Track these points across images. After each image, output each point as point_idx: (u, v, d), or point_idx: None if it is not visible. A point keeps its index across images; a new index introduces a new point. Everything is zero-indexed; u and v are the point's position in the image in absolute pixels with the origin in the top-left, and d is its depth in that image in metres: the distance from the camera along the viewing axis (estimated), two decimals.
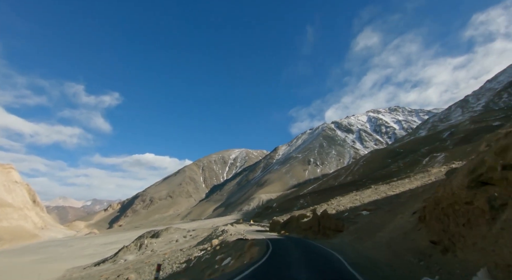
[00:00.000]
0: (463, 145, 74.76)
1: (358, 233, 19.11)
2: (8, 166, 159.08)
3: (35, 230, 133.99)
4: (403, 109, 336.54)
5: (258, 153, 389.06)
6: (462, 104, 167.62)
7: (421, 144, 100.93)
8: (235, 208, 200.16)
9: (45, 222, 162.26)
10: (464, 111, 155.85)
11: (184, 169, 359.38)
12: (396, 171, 64.36)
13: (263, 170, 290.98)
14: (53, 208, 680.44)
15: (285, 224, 35.22)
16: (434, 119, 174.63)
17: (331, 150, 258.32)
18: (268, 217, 70.47)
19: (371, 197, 29.94)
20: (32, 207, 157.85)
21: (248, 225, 49.81)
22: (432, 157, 57.15)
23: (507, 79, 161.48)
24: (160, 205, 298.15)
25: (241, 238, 23.49)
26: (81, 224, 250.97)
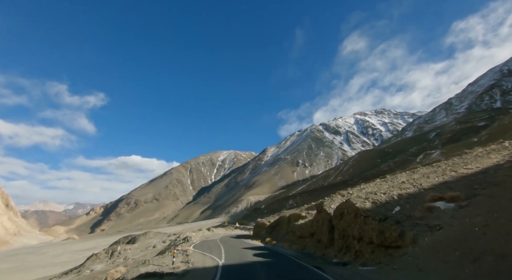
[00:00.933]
0: (451, 144, 74.39)
1: (453, 256, 7.45)
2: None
3: (6, 237, 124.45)
4: (389, 112, 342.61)
5: (246, 155, 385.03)
6: (446, 106, 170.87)
7: (409, 145, 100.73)
8: (223, 210, 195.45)
9: (19, 228, 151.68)
10: (448, 113, 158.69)
11: (171, 171, 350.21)
12: (387, 170, 62.68)
13: (251, 172, 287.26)
14: (32, 213, 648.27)
15: (272, 228, 28.38)
16: (420, 121, 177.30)
17: (319, 152, 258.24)
18: (255, 219, 66.85)
19: (430, 178, 15.28)
20: (4, 212, 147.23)
21: (232, 229, 45.57)
22: (426, 155, 55.69)
23: (487, 82, 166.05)
24: (146, 208, 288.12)
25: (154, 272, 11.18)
26: (61, 229, 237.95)
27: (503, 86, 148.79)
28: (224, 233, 37.55)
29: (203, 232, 37.23)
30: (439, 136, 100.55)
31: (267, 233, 28.16)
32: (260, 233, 29.97)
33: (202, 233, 35.94)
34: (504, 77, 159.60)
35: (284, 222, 26.39)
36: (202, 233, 36.47)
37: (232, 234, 35.12)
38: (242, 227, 48.19)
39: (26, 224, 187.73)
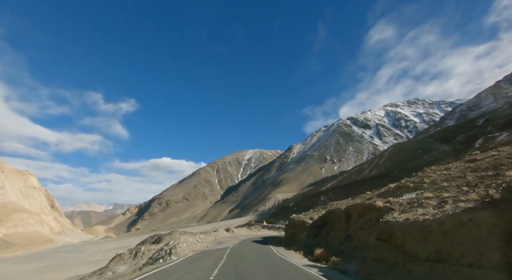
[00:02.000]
0: (509, 128, 64.08)
1: None
2: (27, 172, 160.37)
3: (51, 235, 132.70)
4: (423, 102, 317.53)
5: (272, 153, 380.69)
6: (493, 90, 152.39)
7: (454, 133, 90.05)
8: (251, 209, 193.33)
9: (63, 227, 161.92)
10: (497, 97, 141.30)
11: (199, 171, 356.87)
12: (432, 160, 55.03)
13: (278, 170, 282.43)
14: (77, 213, 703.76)
15: (317, 229, 19.19)
16: (462, 108, 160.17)
17: (348, 147, 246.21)
18: (285, 217, 62.61)
19: None
20: (50, 212, 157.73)
21: (258, 229, 41.33)
22: (487, 139, 47.59)
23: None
24: (177, 207, 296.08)
25: None
26: (101, 228, 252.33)
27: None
28: (246, 235, 31.58)
29: (217, 234, 31.08)
30: (490, 122, 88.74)
31: (310, 238, 19.29)
32: (297, 236, 21.66)
33: (214, 236, 29.48)
34: None
35: (338, 219, 16.76)
36: (214, 235, 30.21)
37: (256, 237, 30.39)
38: (270, 226, 44.28)
39: (70, 223, 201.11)
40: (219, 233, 32.67)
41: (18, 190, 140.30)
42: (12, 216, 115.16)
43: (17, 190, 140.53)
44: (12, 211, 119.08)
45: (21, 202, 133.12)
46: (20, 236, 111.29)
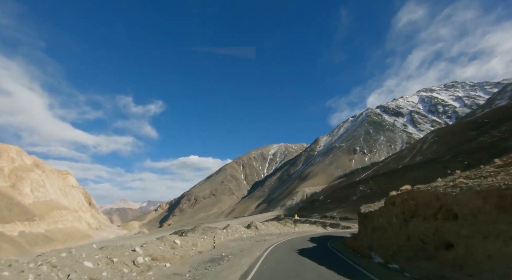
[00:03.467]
0: None
1: None
2: (66, 172, 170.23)
3: (88, 231, 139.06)
4: (463, 84, 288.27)
5: (297, 147, 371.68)
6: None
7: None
8: (278, 203, 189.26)
9: (100, 223, 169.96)
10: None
11: (225, 167, 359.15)
12: (495, 141, 45.82)
13: (304, 163, 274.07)
14: (115, 210, 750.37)
15: None
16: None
17: (379, 137, 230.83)
18: (317, 210, 56.97)
19: None
20: (88, 209, 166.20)
21: (291, 224, 34.87)
22: None
23: None
24: (205, 203, 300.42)
25: None
26: (136, 224, 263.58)
27: None
28: (279, 234, 21.30)
29: (228, 232, 19.80)
30: None
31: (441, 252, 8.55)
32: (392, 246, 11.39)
33: (222, 236, 18.38)
34: None
35: None
36: (223, 234, 18.90)
37: (299, 238, 19.79)
38: (304, 220, 38.82)
39: (106, 219, 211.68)
40: (234, 229, 20.49)
41: (57, 189, 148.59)
42: (52, 213, 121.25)
43: (57, 188, 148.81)
44: (52, 208, 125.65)
45: (60, 200, 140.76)
46: (60, 231, 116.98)
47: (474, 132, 68.27)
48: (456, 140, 69.73)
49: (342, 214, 44.89)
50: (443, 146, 70.74)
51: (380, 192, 52.49)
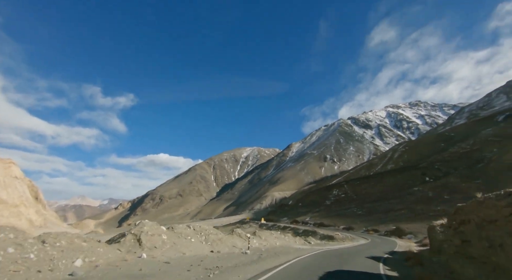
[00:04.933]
0: None
1: None
2: (8, 161, 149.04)
3: (30, 229, 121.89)
4: (425, 104, 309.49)
5: (270, 151, 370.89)
6: (506, 89, 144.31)
7: (476, 128, 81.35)
8: (247, 206, 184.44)
9: (46, 220, 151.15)
10: (510, 96, 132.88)
11: (195, 167, 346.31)
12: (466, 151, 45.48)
13: (276, 168, 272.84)
14: (71, 207, 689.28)
15: None
16: (472, 108, 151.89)
17: (348, 146, 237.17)
18: (287, 214, 52.56)
19: None
20: (33, 204, 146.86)
21: (254, 228, 29.83)
22: None
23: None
24: (170, 204, 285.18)
25: None
26: (91, 223, 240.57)
27: None
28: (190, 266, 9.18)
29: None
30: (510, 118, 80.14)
31: None
32: None
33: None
34: None
35: None
36: None
37: None
38: (271, 225, 33.77)
39: (55, 217, 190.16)
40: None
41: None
42: None
43: None
44: None
45: None
46: None
47: (443, 144, 70.61)
48: (428, 150, 71.73)
49: (316, 219, 40.90)
50: (415, 155, 72.11)
51: (356, 197, 50.37)
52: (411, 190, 42.22)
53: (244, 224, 39.22)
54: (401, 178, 50.23)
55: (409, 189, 43.12)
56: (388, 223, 27.13)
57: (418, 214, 26.94)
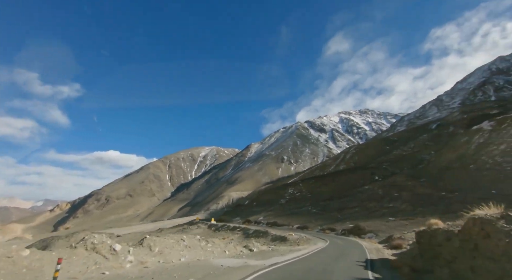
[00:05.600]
0: (473, 125, 63.78)
1: None
2: None
3: None
4: (372, 112, 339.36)
5: (229, 151, 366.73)
6: (436, 102, 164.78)
7: (414, 134, 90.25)
8: (202, 207, 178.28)
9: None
10: (440, 108, 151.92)
11: (148, 166, 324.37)
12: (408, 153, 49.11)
13: (234, 168, 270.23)
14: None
15: None
16: (410, 117, 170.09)
17: (305, 149, 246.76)
18: (241, 214, 50.26)
19: None
20: None
21: (203, 229, 27.07)
22: (452, 135, 42.41)
23: (477, 80, 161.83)
24: (118, 205, 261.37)
25: None
26: (18, 227, 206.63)
27: (495, 82, 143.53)
28: None
29: None
30: (443, 126, 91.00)
31: None
32: None
33: None
34: (494, 75, 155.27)
35: None
36: None
37: None
38: (221, 225, 30.94)
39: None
40: None
41: None
42: None
43: None
44: None
45: None
46: None
47: (388, 147, 77.06)
48: (375, 152, 77.57)
49: (270, 218, 39.33)
50: (364, 157, 77.36)
51: (310, 195, 51.00)
52: (362, 188, 43.93)
53: (192, 225, 35.82)
54: (353, 177, 52.51)
55: (360, 187, 44.98)
56: (344, 221, 26.46)
57: (372, 212, 26.97)
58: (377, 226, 20.31)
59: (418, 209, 22.11)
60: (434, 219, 9.39)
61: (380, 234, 19.98)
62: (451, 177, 30.92)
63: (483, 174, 27.10)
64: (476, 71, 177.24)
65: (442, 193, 25.63)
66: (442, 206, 20.99)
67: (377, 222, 21.90)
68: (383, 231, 19.38)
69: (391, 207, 25.98)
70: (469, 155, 33.04)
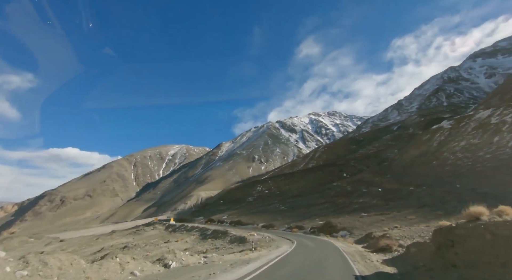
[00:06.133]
0: (429, 127, 68.07)
1: None
2: None
3: None
4: (340, 114, 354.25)
5: (200, 150, 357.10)
6: (397, 107, 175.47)
7: (379, 134, 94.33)
8: (169, 207, 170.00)
9: None
10: (400, 112, 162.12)
11: (111, 164, 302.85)
12: (373, 152, 50.25)
13: (204, 167, 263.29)
14: None
15: None
16: (374, 120, 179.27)
17: (275, 148, 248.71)
18: (205, 214, 47.32)
19: None
20: None
21: (159, 230, 23.52)
22: (413, 136, 44.23)
23: (432, 87, 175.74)
24: (75, 206, 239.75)
25: None
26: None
27: (447, 90, 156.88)
28: None
29: None
30: (403, 128, 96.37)
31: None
32: None
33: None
34: (445, 83, 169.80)
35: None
36: None
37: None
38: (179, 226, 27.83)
39: None
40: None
41: None
42: None
43: None
44: None
45: None
46: None
47: (354, 146, 79.70)
48: (343, 151, 79.75)
49: (234, 217, 36.86)
50: (333, 155, 78.99)
51: (279, 193, 49.90)
52: (330, 185, 43.83)
53: (149, 226, 32.18)
54: (322, 174, 52.65)
55: (329, 184, 44.93)
56: (313, 217, 24.98)
57: (342, 207, 25.99)
58: (350, 223, 18.42)
59: (390, 204, 21.43)
60: (477, 207, 5.74)
61: (355, 232, 17.65)
62: (415, 172, 31.66)
63: (445, 169, 27.80)
64: (431, 79, 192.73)
65: (410, 188, 25.64)
66: (414, 201, 20.57)
67: (349, 218, 20.12)
68: (358, 228, 17.40)
69: (361, 202, 25.26)
70: (431, 152, 34.22)
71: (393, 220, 16.16)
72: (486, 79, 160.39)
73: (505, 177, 19.49)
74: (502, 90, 59.27)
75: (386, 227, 15.80)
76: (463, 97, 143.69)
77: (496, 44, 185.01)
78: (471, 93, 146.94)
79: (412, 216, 15.54)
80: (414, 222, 15.69)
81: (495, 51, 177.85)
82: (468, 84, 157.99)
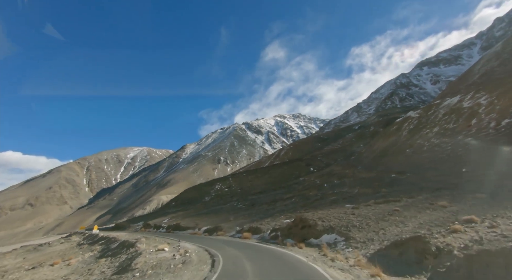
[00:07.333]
0: (386, 126, 69.00)
1: None
2: None
3: None
4: (304, 117, 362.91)
5: (162, 153, 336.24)
6: (357, 109, 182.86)
7: (341, 133, 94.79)
8: (127, 213, 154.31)
9: None
10: (359, 114, 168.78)
11: (60, 169, 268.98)
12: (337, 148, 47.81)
13: (166, 170, 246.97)
14: None
15: None
16: (336, 121, 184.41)
17: (242, 150, 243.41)
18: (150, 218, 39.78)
19: None
20: None
21: (71, 243, 16.49)
22: (375, 133, 42.51)
23: (387, 91, 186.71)
24: (12, 216, 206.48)
25: None
26: None
27: (400, 94, 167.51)
28: None
29: None
30: (364, 127, 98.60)
31: None
32: None
33: None
34: (398, 88, 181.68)
35: None
36: None
37: None
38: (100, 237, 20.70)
39: None
40: None
41: None
42: None
43: None
44: None
45: None
46: None
47: (320, 144, 78.45)
48: (309, 148, 78.06)
49: (176, 220, 30.03)
50: (299, 153, 76.70)
51: (240, 190, 44.33)
52: (297, 180, 39.89)
53: (67, 238, 24.43)
54: (288, 169, 48.86)
55: (295, 179, 41.03)
56: (276, 215, 19.88)
57: (315, 200, 21.38)
58: (339, 218, 11.63)
59: (382, 190, 17.34)
60: None
61: (357, 235, 9.79)
62: (388, 162, 29.06)
63: (423, 156, 25.29)
64: (386, 84, 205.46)
65: (392, 175, 22.33)
66: (409, 186, 16.87)
67: (335, 211, 13.40)
68: (359, 227, 10.29)
69: (340, 192, 20.89)
70: (403, 141, 32.17)
71: (415, 209, 10.77)
72: (432, 85, 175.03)
73: (497, 154, 16.97)
74: (446, 95, 62.63)
75: (450, 222, 8.83)
76: (414, 100, 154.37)
77: (439, 55, 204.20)
78: (420, 97, 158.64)
79: (443, 202, 10.87)
80: (461, 210, 9.56)
81: (438, 61, 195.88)
82: (417, 89, 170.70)
